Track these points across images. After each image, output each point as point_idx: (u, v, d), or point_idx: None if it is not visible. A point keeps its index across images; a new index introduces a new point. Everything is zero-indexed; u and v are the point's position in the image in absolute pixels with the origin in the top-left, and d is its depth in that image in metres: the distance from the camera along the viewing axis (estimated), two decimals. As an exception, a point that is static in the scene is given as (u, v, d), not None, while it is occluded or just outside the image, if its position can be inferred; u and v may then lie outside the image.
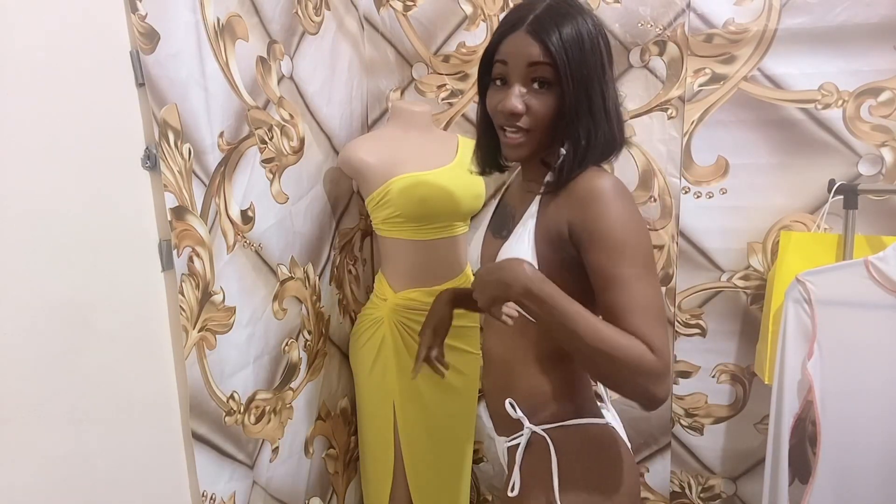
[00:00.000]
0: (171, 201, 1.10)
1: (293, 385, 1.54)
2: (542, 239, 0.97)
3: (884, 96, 1.50)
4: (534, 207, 1.01)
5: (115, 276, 1.05)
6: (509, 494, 1.03)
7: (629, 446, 1.07)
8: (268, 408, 1.44)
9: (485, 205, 1.70)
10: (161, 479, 1.17)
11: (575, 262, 0.94)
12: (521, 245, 0.98)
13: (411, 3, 1.76)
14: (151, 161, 1.08)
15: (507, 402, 1.05)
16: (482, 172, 1.14)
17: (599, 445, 1.03)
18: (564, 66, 0.92)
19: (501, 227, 1.11)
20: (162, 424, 1.17)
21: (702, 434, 1.79)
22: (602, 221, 0.90)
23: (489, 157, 1.11)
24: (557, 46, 0.91)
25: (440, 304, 1.32)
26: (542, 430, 1.02)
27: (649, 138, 1.67)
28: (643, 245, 0.91)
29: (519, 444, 1.04)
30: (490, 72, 1.00)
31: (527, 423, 1.03)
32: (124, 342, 1.07)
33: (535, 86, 0.95)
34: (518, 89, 0.95)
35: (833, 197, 1.50)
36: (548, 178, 1.01)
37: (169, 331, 1.15)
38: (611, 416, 1.09)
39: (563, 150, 0.97)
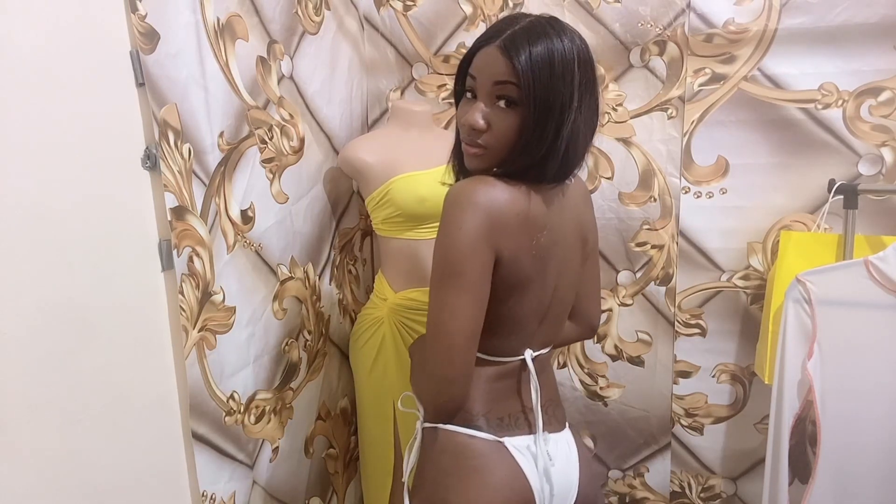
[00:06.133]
0: (171, 201, 1.10)
1: (293, 385, 1.54)
2: None
3: (884, 96, 1.50)
4: None
5: (115, 276, 1.05)
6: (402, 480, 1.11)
7: (520, 467, 1.01)
8: (268, 408, 1.44)
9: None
10: (161, 479, 1.17)
11: None
12: None
13: (411, 3, 1.76)
14: (151, 161, 1.08)
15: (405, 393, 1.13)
16: (457, 180, 1.10)
17: (451, 453, 1.01)
18: (529, 87, 0.90)
19: None
20: (162, 424, 1.17)
21: (702, 434, 1.79)
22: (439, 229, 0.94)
23: (463, 166, 1.08)
24: (524, 67, 0.90)
25: None
26: (422, 427, 1.07)
27: (649, 138, 1.67)
28: (452, 259, 0.92)
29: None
30: (464, 81, 0.99)
31: (420, 418, 1.08)
32: (124, 342, 1.07)
33: (501, 104, 0.94)
34: (482, 106, 0.95)
35: (833, 197, 1.50)
36: None
37: (169, 331, 1.15)
38: (524, 441, 1.03)
39: None
